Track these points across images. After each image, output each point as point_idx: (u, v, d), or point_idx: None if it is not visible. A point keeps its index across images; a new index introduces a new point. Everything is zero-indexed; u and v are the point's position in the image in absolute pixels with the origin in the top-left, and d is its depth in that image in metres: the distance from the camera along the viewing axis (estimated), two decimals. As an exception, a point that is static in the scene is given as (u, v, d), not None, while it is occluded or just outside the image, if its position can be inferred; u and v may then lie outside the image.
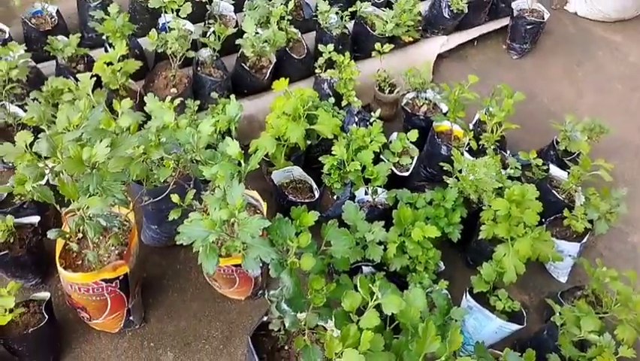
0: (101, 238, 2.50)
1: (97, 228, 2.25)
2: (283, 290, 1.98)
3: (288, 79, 3.29)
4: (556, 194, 3.36)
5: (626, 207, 3.15)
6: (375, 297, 2.01)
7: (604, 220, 3.15)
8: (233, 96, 3.06)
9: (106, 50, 3.58)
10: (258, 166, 2.33)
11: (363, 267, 2.98)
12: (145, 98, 2.59)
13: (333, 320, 1.99)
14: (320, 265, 2.06)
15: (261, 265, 2.06)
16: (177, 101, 2.52)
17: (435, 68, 4.53)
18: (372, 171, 3.09)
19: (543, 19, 4.77)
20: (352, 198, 3.27)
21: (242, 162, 2.31)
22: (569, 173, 3.37)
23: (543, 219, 3.31)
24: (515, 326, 2.82)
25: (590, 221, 3.20)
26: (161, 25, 3.85)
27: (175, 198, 2.27)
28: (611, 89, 4.80)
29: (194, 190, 2.36)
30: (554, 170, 3.49)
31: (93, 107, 2.27)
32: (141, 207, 2.93)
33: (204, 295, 3.03)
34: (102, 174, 2.05)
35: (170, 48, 3.38)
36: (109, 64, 3.18)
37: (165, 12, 3.47)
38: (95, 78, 2.82)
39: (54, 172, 2.08)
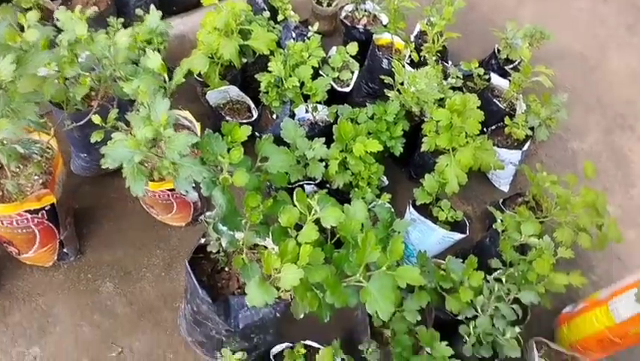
0: (21, 166, 2.32)
1: (12, 154, 2.08)
2: (219, 210, 1.89)
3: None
4: (497, 103, 3.34)
5: (566, 112, 3.15)
6: (313, 211, 1.94)
7: (544, 127, 3.16)
8: (152, 6, 2.83)
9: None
10: (194, 86, 2.17)
11: (305, 186, 2.91)
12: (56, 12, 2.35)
13: (271, 236, 1.92)
14: (255, 182, 1.96)
15: (193, 185, 1.95)
16: (90, 10, 2.30)
17: (375, -21, 4.34)
18: (311, 87, 2.97)
19: None
20: (292, 116, 3.16)
21: (166, 77, 2.15)
22: (510, 81, 3.33)
23: (485, 129, 3.31)
24: (458, 235, 2.84)
25: (531, 128, 3.20)
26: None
27: (96, 119, 2.10)
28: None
29: (117, 110, 2.19)
30: (496, 79, 3.45)
31: (-5, 22, 2.04)
32: (67, 135, 2.74)
33: (142, 223, 2.91)
34: (10, 94, 1.87)
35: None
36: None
37: None
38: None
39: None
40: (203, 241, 2.20)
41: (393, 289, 1.89)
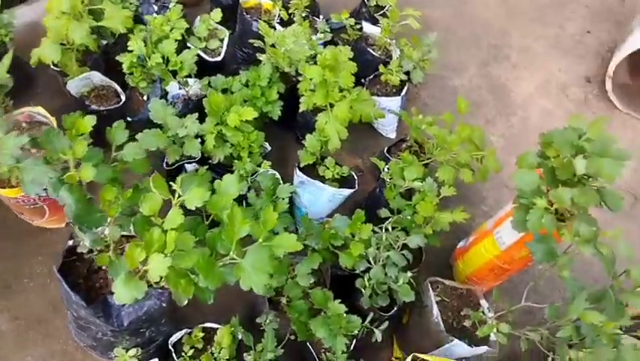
0: None
1: None
2: (68, 211, 1.77)
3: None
4: (372, 52, 3.32)
5: (437, 52, 3.17)
6: (177, 194, 1.87)
7: (419, 69, 3.17)
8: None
9: None
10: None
11: (186, 165, 2.81)
12: None
13: (133, 227, 1.82)
14: (108, 174, 1.85)
15: (44, 187, 1.82)
16: None
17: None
18: (176, 61, 2.83)
19: None
20: (165, 94, 3.02)
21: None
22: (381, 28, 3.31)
23: (363, 80, 3.30)
24: (347, 191, 2.84)
25: (408, 73, 3.21)
26: None
27: None
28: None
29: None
30: (368, 27, 3.42)
31: None
32: None
33: (18, 232, 2.73)
34: None
35: None
36: None
37: None
38: None
39: None
40: (71, 243, 2.08)
41: (270, 260, 1.86)
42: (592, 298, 2.04)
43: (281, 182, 2.80)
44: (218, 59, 3.21)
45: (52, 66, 2.89)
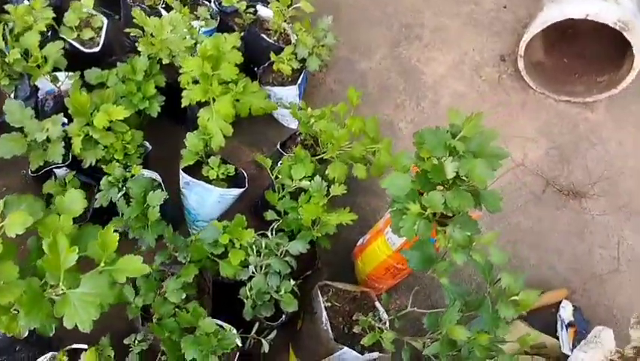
0: None
1: None
2: None
3: None
4: (266, 38, 3.10)
5: (333, 37, 2.97)
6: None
7: (315, 55, 2.98)
8: None
9: None
10: None
11: (55, 170, 2.57)
12: None
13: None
14: None
15: None
16: None
17: None
18: (37, 56, 2.56)
19: None
20: (36, 91, 2.76)
21: None
22: (274, 12, 3.09)
23: (256, 68, 3.09)
24: (236, 191, 2.66)
25: (304, 60, 3.01)
26: None
27: None
28: None
29: None
30: (264, 11, 3.19)
31: None
32: None
33: None
34: None
35: None
36: None
37: None
38: None
39: None
40: None
41: (109, 288, 1.67)
42: (471, 306, 1.93)
43: (162, 185, 2.60)
44: (96, 49, 2.93)
45: None
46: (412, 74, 3.61)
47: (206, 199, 2.67)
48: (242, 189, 2.68)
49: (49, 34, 2.82)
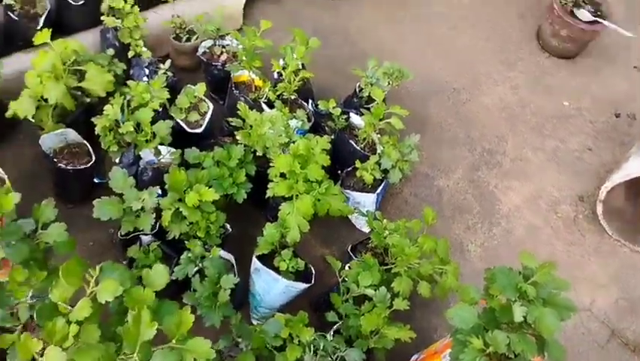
0: None
1: None
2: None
3: (50, 29, 2.86)
4: (353, 144, 3.27)
5: (417, 154, 3.11)
6: (92, 284, 1.79)
7: (397, 169, 3.11)
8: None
9: None
10: None
11: (142, 236, 2.75)
12: None
13: (36, 314, 1.75)
14: (26, 253, 1.79)
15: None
16: None
17: (248, 12, 4.22)
18: (147, 131, 2.81)
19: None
20: (138, 160, 3.01)
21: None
22: (366, 121, 3.28)
23: (340, 171, 3.24)
24: (301, 285, 2.75)
25: (386, 170, 3.15)
26: None
27: None
28: (434, 31, 4.68)
29: None
30: (355, 119, 3.39)
31: None
32: None
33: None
34: None
35: None
36: None
37: None
38: None
39: None
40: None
41: (175, 368, 1.76)
42: None
43: (234, 268, 2.73)
44: (199, 131, 3.19)
45: (30, 118, 2.90)
46: (487, 199, 3.67)
47: (272, 288, 2.76)
48: (308, 285, 2.76)
49: (161, 110, 3.09)
